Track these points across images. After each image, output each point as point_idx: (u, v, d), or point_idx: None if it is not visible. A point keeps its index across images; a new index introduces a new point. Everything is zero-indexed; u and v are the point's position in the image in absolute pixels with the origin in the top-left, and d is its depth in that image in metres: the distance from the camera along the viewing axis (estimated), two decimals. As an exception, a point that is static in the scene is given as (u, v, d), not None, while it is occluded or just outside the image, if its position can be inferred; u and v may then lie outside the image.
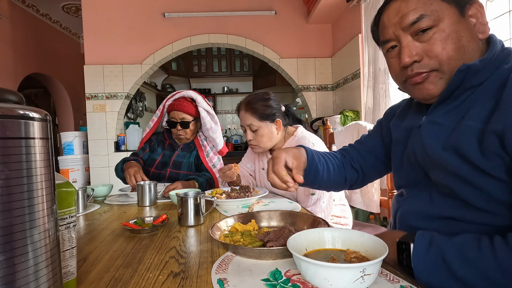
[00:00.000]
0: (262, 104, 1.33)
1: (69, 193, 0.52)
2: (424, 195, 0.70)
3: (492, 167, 0.55)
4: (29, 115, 0.36)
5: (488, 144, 0.54)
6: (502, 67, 0.60)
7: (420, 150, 0.68)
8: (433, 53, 0.61)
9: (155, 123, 1.81)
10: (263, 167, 1.50)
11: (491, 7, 1.51)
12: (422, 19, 0.61)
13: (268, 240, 0.68)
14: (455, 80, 0.61)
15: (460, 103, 0.63)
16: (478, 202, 0.59)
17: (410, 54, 0.63)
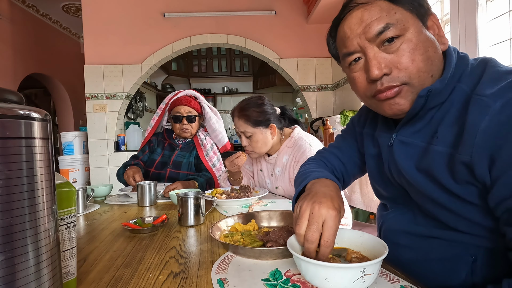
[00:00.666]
0: (255, 110, 1.32)
1: (69, 193, 0.52)
2: (407, 213, 0.69)
3: (466, 193, 0.55)
4: (29, 115, 0.36)
5: (458, 173, 0.54)
6: (464, 80, 0.58)
7: (395, 169, 0.67)
8: (402, 65, 0.57)
9: (156, 121, 1.83)
10: (261, 169, 1.50)
11: (491, 7, 1.51)
12: (388, 28, 0.57)
13: (268, 240, 0.68)
14: (417, 104, 0.58)
15: (427, 123, 0.61)
16: (459, 225, 0.59)
17: (379, 66, 0.58)
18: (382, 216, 0.77)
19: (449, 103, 0.58)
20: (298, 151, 1.30)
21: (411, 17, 0.58)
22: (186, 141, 1.81)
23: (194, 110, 1.76)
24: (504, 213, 0.49)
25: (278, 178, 1.39)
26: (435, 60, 0.58)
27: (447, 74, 0.58)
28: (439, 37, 0.60)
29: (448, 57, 0.60)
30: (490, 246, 0.57)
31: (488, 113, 0.50)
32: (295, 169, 1.30)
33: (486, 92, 0.52)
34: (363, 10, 0.60)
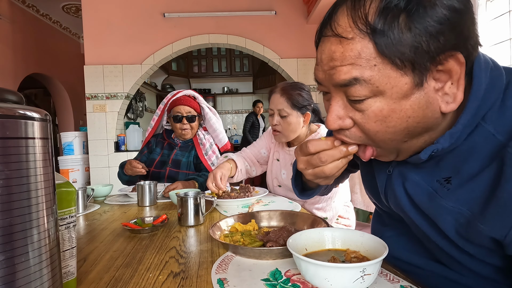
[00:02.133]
0: (298, 93, 1.32)
1: (69, 193, 0.52)
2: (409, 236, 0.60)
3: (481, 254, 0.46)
4: (29, 115, 0.36)
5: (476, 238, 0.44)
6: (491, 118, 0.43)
7: (394, 201, 0.56)
8: (364, 130, 0.47)
9: (156, 122, 1.85)
10: (277, 158, 1.47)
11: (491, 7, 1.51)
12: (355, 85, 0.43)
13: (268, 240, 0.68)
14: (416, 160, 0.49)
15: (434, 163, 0.50)
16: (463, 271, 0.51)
17: (336, 121, 0.48)
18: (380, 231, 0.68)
19: (467, 147, 0.45)
20: None
21: (396, 76, 0.41)
22: (185, 140, 1.81)
23: (193, 110, 1.76)
24: None
25: None
26: (417, 129, 0.45)
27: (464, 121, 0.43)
28: (443, 96, 0.43)
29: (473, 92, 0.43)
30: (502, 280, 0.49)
31: None
32: None
33: None
34: (337, 43, 0.44)
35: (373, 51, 0.41)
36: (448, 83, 0.42)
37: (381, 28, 0.40)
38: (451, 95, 0.43)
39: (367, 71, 0.42)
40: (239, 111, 5.90)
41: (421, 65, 0.40)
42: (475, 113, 0.43)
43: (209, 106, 1.84)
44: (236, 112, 5.88)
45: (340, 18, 0.44)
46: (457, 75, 0.42)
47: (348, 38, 0.42)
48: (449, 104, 0.43)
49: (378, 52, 0.41)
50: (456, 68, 0.41)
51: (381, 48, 0.40)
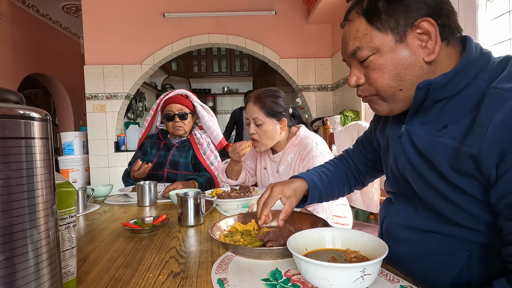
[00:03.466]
0: (272, 101, 1.32)
1: (69, 193, 0.52)
2: (410, 207, 0.71)
3: (468, 186, 0.55)
4: (29, 115, 0.36)
5: (462, 165, 0.54)
6: (482, 77, 0.57)
7: (402, 158, 0.68)
8: (370, 80, 0.64)
9: (149, 122, 1.85)
10: (264, 167, 1.49)
11: (491, 7, 1.51)
12: (358, 51, 0.63)
13: (268, 240, 0.68)
14: (417, 97, 0.61)
15: (436, 115, 0.62)
16: (458, 218, 0.59)
17: (353, 79, 0.67)
18: (386, 210, 0.78)
19: (462, 99, 0.58)
20: (304, 150, 1.30)
21: (381, 36, 0.61)
22: (181, 140, 1.81)
23: (185, 107, 1.77)
24: (505, 208, 0.50)
25: (282, 176, 1.38)
26: (406, 75, 0.61)
27: (456, 69, 0.58)
28: (424, 49, 0.60)
29: (466, 51, 0.59)
30: (486, 242, 0.57)
31: (504, 106, 0.49)
32: (300, 167, 1.29)
33: (504, 86, 0.51)
34: (347, 26, 0.66)
35: (364, 24, 0.62)
36: (429, 41, 0.59)
37: (369, 9, 0.62)
38: (432, 48, 0.59)
39: (363, 39, 0.62)
40: (239, 111, 5.90)
41: (397, 27, 0.59)
42: (466, 68, 0.58)
43: (202, 104, 1.85)
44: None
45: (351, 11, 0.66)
46: (434, 34, 0.58)
47: (351, 20, 0.65)
48: (430, 55, 0.59)
49: (368, 24, 0.62)
50: (431, 29, 0.58)
51: (370, 20, 0.61)
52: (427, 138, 0.62)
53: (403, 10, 0.59)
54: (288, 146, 1.39)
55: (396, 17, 0.59)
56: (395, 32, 0.60)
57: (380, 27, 0.60)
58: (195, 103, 1.81)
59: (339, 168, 0.98)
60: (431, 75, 0.61)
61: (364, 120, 2.69)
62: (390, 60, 0.61)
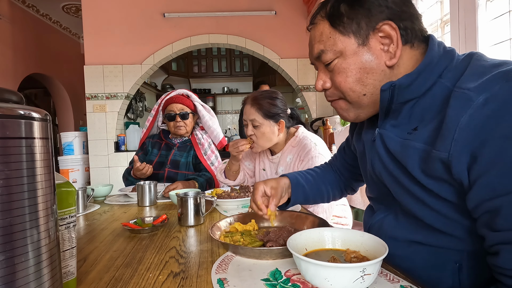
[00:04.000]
0: (269, 102, 1.32)
1: (69, 193, 0.52)
2: (390, 215, 0.70)
3: (441, 190, 0.54)
4: (29, 115, 0.36)
5: (433, 169, 0.53)
6: (446, 75, 0.57)
7: (378, 163, 0.68)
8: (336, 84, 0.64)
9: (151, 122, 1.85)
10: (263, 168, 1.49)
11: (491, 7, 1.51)
12: (323, 54, 0.63)
13: (268, 240, 0.68)
14: (383, 99, 0.61)
15: (406, 116, 0.62)
16: (436, 223, 0.58)
17: (319, 83, 0.67)
18: (369, 221, 0.77)
19: (429, 99, 0.58)
20: (303, 150, 1.30)
21: (344, 39, 0.61)
22: (182, 140, 1.81)
23: (187, 107, 1.77)
24: (483, 215, 0.48)
25: None
26: (368, 79, 0.61)
27: (419, 69, 0.58)
28: (386, 53, 0.59)
29: (427, 52, 0.59)
30: (472, 250, 0.56)
31: (470, 107, 0.47)
32: (299, 168, 1.29)
33: (469, 86, 0.49)
34: (312, 29, 0.67)
35: (328, 28, 0.62)
36: (391, 45, 0.59)
37: (332, 13, 0.62)
38: (393, 52, 0.59)
39: (327, 42, 0.62)
40: (239, 111, 5.89)
41: (359, 30, 0.59)
42: (429, 67, 0.57)
43: (203, 104, 1.86)
44: (236, 112, 5.87)
45: (316, 15, 0.66)
46: (395, 37, 0.58)
47: (315, 23, 0.65)
48: (392, 59, 0.59)
49: (331, 28, 0.62)
50: (393, 32, 0.58)
51: (333, 24, 0.61)
52: (399, 142, 0.61)
53: (364, 13, 0.59)
54: (286, 147, 1.39)
55: (358, 20, 0.59)
56: (357, 36, 0.60)
57: (343, 30, 0.60)
58: (196, 102, 1.82)
59: (328, 172, 0.98)
60: (393, 79, 0.61)
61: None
62: (353, 63, 0.61)
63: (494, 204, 0.46)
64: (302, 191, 0.89)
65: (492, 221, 0.46)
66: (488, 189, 0.46)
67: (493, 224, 0.46)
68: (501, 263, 0.45)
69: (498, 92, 0.46)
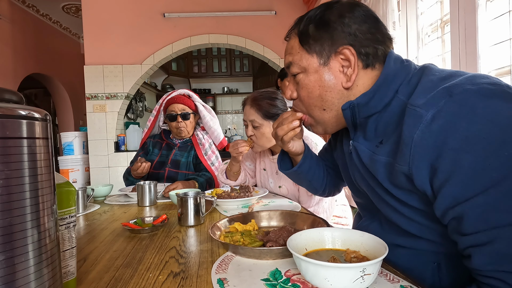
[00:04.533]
0: (268, 103, 1.32)
1: (69, 193, 0.52)
2: (375, 221, 0.72)
3: (409, 199, 0.57)
4: (29, 115, 0.36)
5: (399, 181, 0.56)
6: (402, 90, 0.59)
7: (357, 174, 0.71)
8: (300, 97, 0.69)
9: (152, 122, 1.85)
10: (264, 168, 1.49)
11: (491, 7, 1.51)
12: (291, 66, 0.68)
13: (268, 240, 0.68)
14: (346, 116, 0.65)
15: (372, 130, 0.64)
16: (412, 229, 0.60)
17: (288, 93, 0.72)
18: (357, 226, 0.80)
19: (389, 114, 0.61)
20: None
21: (308, 57, 0.65)
22: (183, 140, 1.82)
23: (188, 108, 1.77)
24: (451, 222, 0.50)
25: (282, 177, 1.38)
26: (327, 97, 0.65)
27: (374, 88, 0.61)
28: (344, 75, 0.63)
29: (383, 69, 0.62)
30: (448, 252, 0.58)
31: (421, 123, 0.50)
32: None
33: (419, 102, 0.52)
34: (287, 42, 0.71)
35: (297, 44, 0.67)
36: (349, 69, 0.63)
37: (302, 32, 0.66)
38: (349, 75, 0.63)
39: (295, 56, 0.67)
40: (239, 111, 5.89)
41: (322, 51, 0.64)
42: (385, 83, 0.60)
43: (204, 104, 1.86)
44: (236, 112, 5.87)
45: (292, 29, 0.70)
46: (353, 62, 0.62)
47: (289, 37, 0.71)
48: (347, 82, 0.63)
49: (299, 45, 0.66)
50: (351, 57, 0.62)
51: (301, 42, 0.66)
52: (369, 154, 0.64)
53: (328, 37, 0.63)
54: None
55: (322, 42, 0.63)
56: (319, 56, 0.64)
57: (308, 49, 0.65)
58: (197, 103, 1.82)
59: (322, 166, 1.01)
60: (351, 97, 0.64)
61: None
62: (314, 80, 0.65)
63: (457, 211, 0.48)
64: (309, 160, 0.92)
65: (459, 227, 0.49)
66: (450, 198, 0.48)
67: (461, 229, 0.48)
68: (475, 265, 0.47)
69: (443, 108, 0.48)
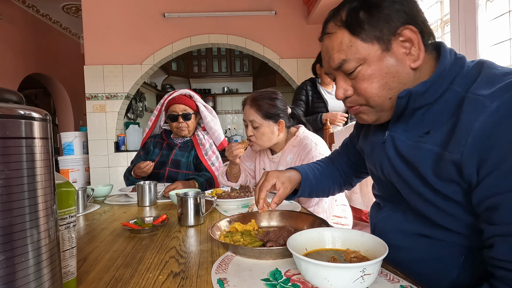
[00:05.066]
0: (268, 103, 1.32)
1: (69, 193, 0.52)
2: (398, 211, 0.72)
3: (450, 191, 0.57)
4: (29, 115, 0.36)
5: (445, 171, 0.55)
6: (458, 82, 0.59)
7: (387, 164, 0.69)
8: (359, 91, 0.65)
9: (153, 122, 1.85)
10: (264, 168, 1.49)
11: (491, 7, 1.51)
12: (345, 63, 0.63)
13: (268, 240, 0.68)
14: (399, 105, 0.63)
15: (418, 120, 0.63)
16: (444, 222, 0.60)
17: (341, 92, 0.67)
18: (375, 216, 0.79)
19: (441, 105, 0.60)
20: (304, 150, 1.30)
21: (367, 46, 0.61)
22: (184, 140, 1.82)
23: (189, 108, 1.77)
24: (484, 211, 0.52)
25: None
26: (394, 83, 0.62)
27: (433, 77, 0.60)
28: (409, 56, 0.61)
29: (441, 59, 0.61)
30: (475, 245, 0.58)
31: (484, 113, 0.50)
32: None
33: (483, 93, 0.52)
34: (328, 39, 0.66)
35: (348, 37, 0.62)
36: (413, 48, 0.60)
37: (350, 22, 0.62)
38: (416, 55, 0.61)
39: (349, 51, 0.62)
40: (239, 111, 5.89)
41: (381, 36, 0.60)
42: (442, 75, 0.59)
43: (205, 105, 1.86)
44: (236, 112, 5.87)
45: (328, 23, 0.67)
46: (416, 40, 0.60)
47: (332, 32, 0.64)
48: (416, 61, 0.61)
49: (351, 36, 0.62)
50: (413, 36, 0.59)
51: (353, 32, 0.61)
52: (410, 144, 0.63)
53: (384, 19, 0.60)
54: (287, 147, 1.39)
55: (379, 26, 0.60)
56: (380, 42, 0.60)
57: (365, 38, 0.61)
58: (198, 103, 1.83)
59: (330, 167, 1.00)
60: (416, 82, 0.62)
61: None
62: (378, 69, 0.61)
63: (494, 201, 0.49)
64: (309, 185, 0.92)
65: (491, 216, 0.50)
66: (492, 188, 0.49)
67: (492, 219, 0.50)
68: (495, 254, 0.49)
69: (508, 100, 0.49)
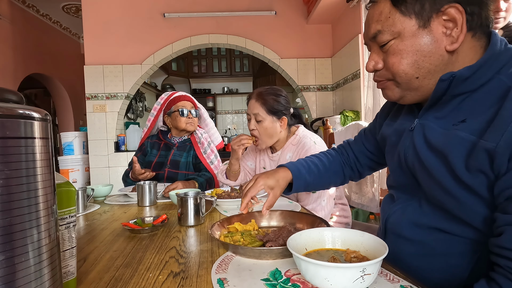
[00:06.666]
0: (273, 99, 1.35)
1: (69, 193, 0.52)
2: (414, 203, 0.69)
3: (475, 183, 0.54)
4: (29, 115, 0.36)
5: (476, 160, 0.53)
6: (505, 72, 0.55)
7: (412, 153, 0.67)
8: (388, 65, 0.63)
9: (152, 122, 1.85)
10: (264, 166, 1.50)
11: (491, 7, 1.51)
12: (379, 34, 0.62)
13: (268, 240, 0.68)
14: (438, 89, 0.60)
15: (453, 109, 0.61)
16: (462, 215, 0.58)
17: (371, 64, 0.66)
18: (389, 208, 0.76)
19: (483, 93, 0.57)
20: (303, 149, 1.32)
21: (404, 20, 0.59)
22: (182, 139, 1.82)
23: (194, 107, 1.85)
24: (503, 201, 0.51)
25: None
26: (424, 63, 0.59)
27: (480, 62, 0.56)
28: (448, 37, 0.57)
29: (491, 44, 0.58)
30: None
31: None
32: None
33: None
34: (371, 8, 0.65)
35: (388, 7, 0.60)
36: (454, 30, 0.57)
37: None
38: (456, 37, 0.57)
39: (386, 22, 0.61)
40: (239, 111, 5.89)
41: (422, 12, 0.57)
42: (490, 62, 0.56)
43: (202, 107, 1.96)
44: (236, 112, 5.88)
45: None
46: (460, 21, 0.56)
47: (376, 1, 0.64)
48: (453, 43, 0.57)
49: (392, 7, 0.60)
50: (458, 16, 0.56)
51: (395, 3, 0.59)
52: (442, 133, 0.60)
53: None
54: (287, 145, 1.41)
55: (422, 1, 0.57)
56: (419, 17, 0.58)
57: (404, 11, 0.58)
58: (198, 104, 1.90)
59: (336, 162, 0.98)
60: (450, 66, 0.59)
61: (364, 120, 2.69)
62: (410, 45, 0.59)
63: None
64: (304, 181, 0.90)
65: (507, 206, 0.50)
66: None
67: (507, 208, 0.49)
68: (501, 242, 0.48)
69: None
